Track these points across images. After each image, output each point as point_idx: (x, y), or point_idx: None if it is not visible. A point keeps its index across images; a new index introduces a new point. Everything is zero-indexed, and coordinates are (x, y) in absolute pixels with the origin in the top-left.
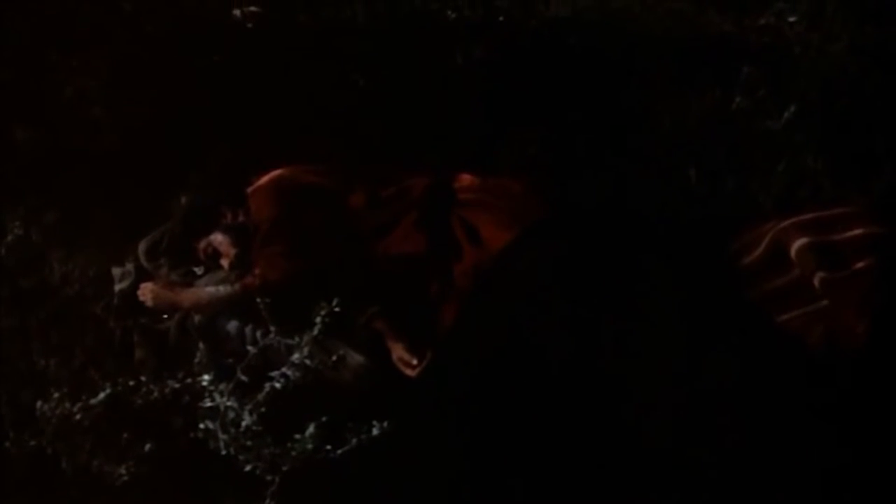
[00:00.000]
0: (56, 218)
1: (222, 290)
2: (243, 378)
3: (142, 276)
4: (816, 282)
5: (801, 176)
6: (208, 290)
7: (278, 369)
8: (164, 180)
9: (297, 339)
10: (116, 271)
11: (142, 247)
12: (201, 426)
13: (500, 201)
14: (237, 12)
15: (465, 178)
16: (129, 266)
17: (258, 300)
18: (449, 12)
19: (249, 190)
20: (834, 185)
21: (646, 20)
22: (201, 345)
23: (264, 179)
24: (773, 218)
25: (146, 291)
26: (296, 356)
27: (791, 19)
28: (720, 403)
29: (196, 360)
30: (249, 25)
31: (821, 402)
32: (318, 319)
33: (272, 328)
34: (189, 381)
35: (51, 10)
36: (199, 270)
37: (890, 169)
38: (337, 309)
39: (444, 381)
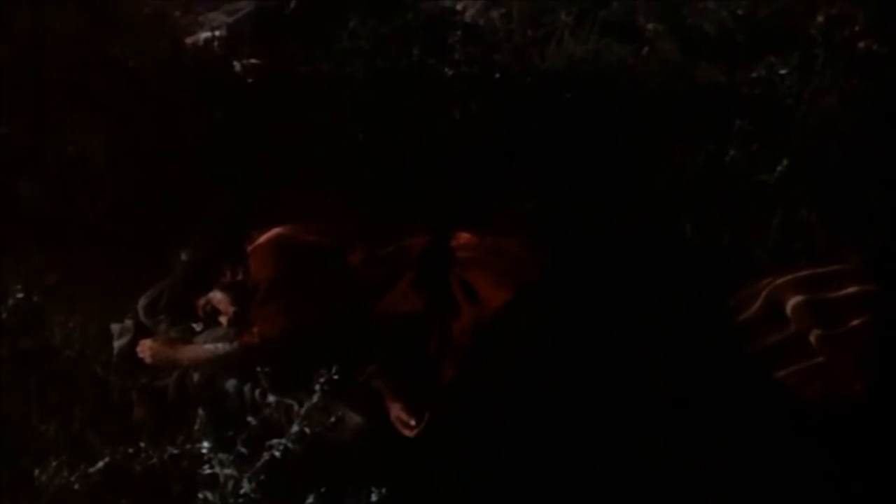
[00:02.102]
0: (57, 279)
1: (221, 347)
2: (243, 450)
3: (141, 332)
4: (813, 339)
5: (796, 229)
6: (207, 347)
7: (278, 434)
8: (164, 236)
9: (295, 402)
10: (115, 327)
11: (141, 303)
12: (199, 496)
13: (498, 260)
14: (237, 65)
15: (463, 237)
16: (129, 322)
17: (258, 369)
18: (446, 69)
19: (249, 249)
20: (828, 239)
21: (640, 72)
22: (200, 410)
23: (263, 238)
24: (768, 274)
25: (145, 348)
26: (295, 428)
27: (782, 72)
28: (719, 460)
29: (196, 425)
30: (250, 80)
31: (819, 458)
32: (318, 387)
33: (271, 392)
34: (188, 446)
35: (54, 67)
36: (198, 327)
37: (883, 221)
38: (336, 376)
39: (442, 442)
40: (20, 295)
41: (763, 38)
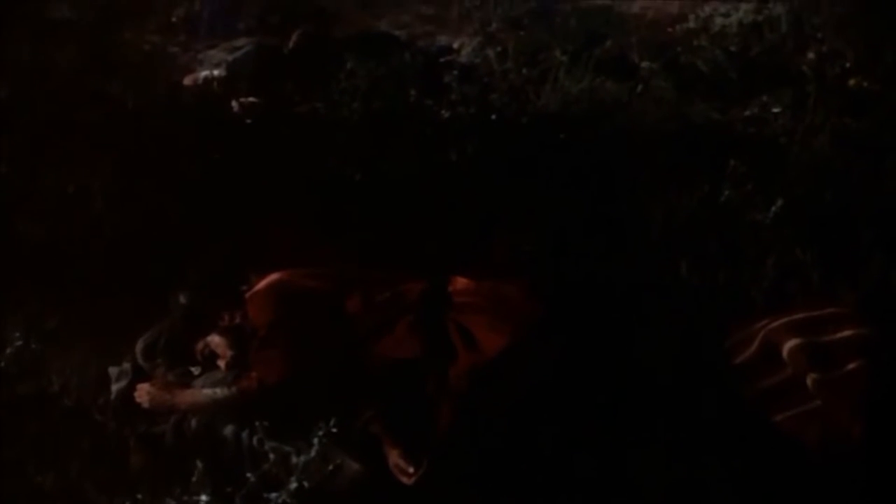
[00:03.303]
0: (55, 324)
1: (219, 392)
2: None
3: (139, 375)
4: (809, 382)
5: (791, 269)
6: (205, 392)
7: (277, 487)
8: (162, 278)
9: (293, 450)
10: (113, 371)
11: (139, 345)
12: None
13: (495, 305)
14: (235, 104)
15: (460, 282)
16: (126, 366)
17: (256, 414)
18: (443, 111)
19: (247, 295)
20: (823, 278)
21: (634, 109)
22: (199, 462)
23: (261, 284)
24: (764, 316)
25: (143, 393)
26: (294, 484)
27: (775, 110)
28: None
29: (194, 477)
30: (248, 121)
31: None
32: (316, 440)
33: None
34: (186, 498)
35: (54, 106)
36: (196, 371)
37: (877, 261)
38: (334, 429)
39: (441, 489)
40: (19, 343)
41: (756, 76)
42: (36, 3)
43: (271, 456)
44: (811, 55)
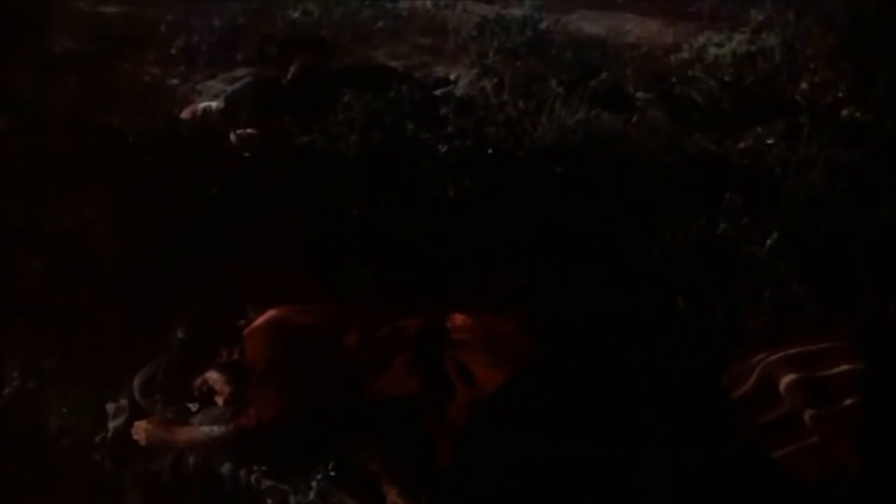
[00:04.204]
0: (54, 363)
1: (217, 430)
2: None
3: (136, 412)
4: (807, 418)
5: (787, 302)
6: (203, 429)
7: None
8: (160, 313)
9: (290, 488)
10: (111, 408)
11: (137, 381)
12: None
13: (493, 341)
14: (233, 136)
15: (458, 318)
16: (124, 402)
17: (254, 452)
18: (440, 146)
19: (245, 332)
20: (819, 312)
21: (630, 141)
22: (196, 501)
23: (259, 321)
24: (761, 350)
25: (140, 430)
26: None
27: (769, 141)
28: None
29: None
30: (246, 154)
31: None
32: (314, 484)
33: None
34: None
35: (54, 141)
36: (193, 407)
37: (872, 295)
38: (332, 473)
39: None
40: (16, 383)
41: (750, 105)
42: (39, 34)
43: (268, 496)
44: (804, 85)
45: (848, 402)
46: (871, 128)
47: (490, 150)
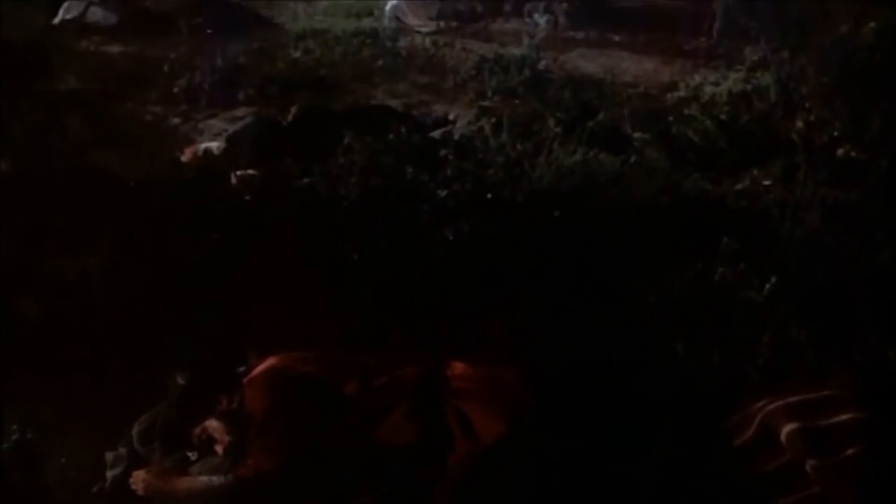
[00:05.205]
0: (53, 414)
1: (216, 480)
2: None
3: (134, 461)
4: (808, 468)
5: (786, 347)
6: (202, 479)
7: None
8: (159, 360)
9: None
10: (109, 456)
11: (135, 429)
12: None
13: (493, 391)
14: (234, 177)
15: (458, 367)
16: (122, 451)
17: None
18: (439, 190)
19: (244, 381)
20: (818, 356)
21: (628, 182)
22: None
23: (258, 370)
24: (761, 397)
25: (138, 480)
26: None
27: (766, 183)
28: None
29: None
30: (247, 197)
31: None
32: None
33: None
34: None
35: (55, 185)
36: (192, 456)
37: (873, 338)
38: None
39: None
40: (16, 436)
41: (746, 144)
42: (43, 77)
43: None
44: (800, 124)
45: (849, 451)
46: (866, 167)
47: (489, 195)
